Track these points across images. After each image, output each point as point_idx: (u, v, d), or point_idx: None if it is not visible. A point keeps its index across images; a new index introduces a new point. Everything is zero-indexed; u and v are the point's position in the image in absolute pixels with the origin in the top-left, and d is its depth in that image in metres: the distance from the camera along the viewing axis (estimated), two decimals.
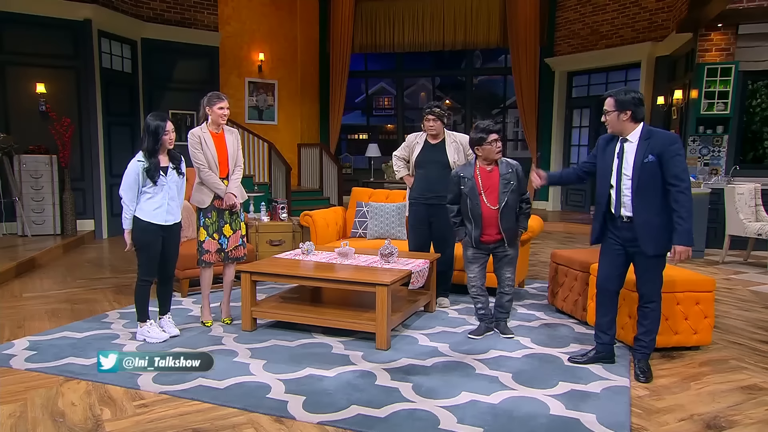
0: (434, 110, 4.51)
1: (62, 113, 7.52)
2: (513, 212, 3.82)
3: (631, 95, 3.14)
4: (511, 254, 3.90)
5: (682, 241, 3.04)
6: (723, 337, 4.04)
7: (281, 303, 4.19)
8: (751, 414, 2.86)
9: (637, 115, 3.12)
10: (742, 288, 5.53)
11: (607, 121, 3.20)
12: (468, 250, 3.96)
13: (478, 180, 3.81)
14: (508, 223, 3.81)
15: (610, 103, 3.17)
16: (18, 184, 7.32)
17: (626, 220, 3.18)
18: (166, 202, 3.71)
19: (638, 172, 3.08)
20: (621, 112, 3.13)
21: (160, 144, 3.65)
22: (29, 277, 5.69)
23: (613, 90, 3.23)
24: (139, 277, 3.76)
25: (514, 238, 3.88)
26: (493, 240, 3.85)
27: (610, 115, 3.17)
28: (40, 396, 2.98)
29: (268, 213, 6.05)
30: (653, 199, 3.08)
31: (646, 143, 3.08)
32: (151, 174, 3.63)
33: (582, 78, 11.34)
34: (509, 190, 3.77)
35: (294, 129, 11.55)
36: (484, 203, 3.78)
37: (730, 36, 7.84)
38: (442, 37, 11.72)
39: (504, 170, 3.80)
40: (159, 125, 3.63)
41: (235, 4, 10.45)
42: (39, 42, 7.61)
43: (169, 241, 3.81)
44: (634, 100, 3.12)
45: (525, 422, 2.71)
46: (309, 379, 3.18)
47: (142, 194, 3.66)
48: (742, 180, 7.29)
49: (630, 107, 3.11)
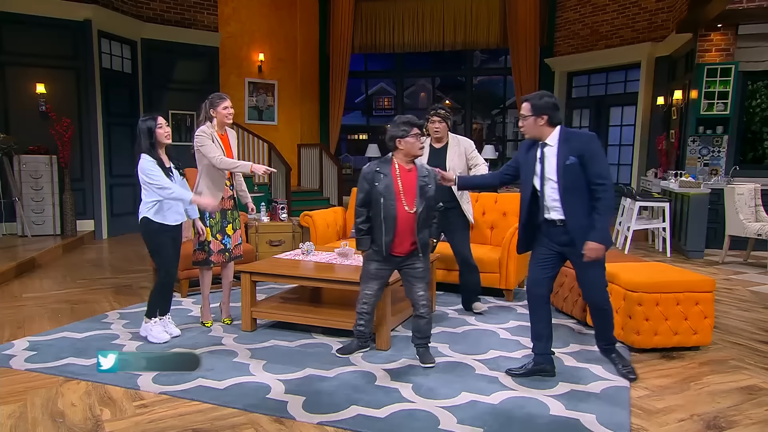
0: (440, 111, 4.30)
1: (62, 113, 7.51)
2: (428, 221, 3.41)
3: (545, 99, 3.08)
4: (422, 267, 3.39)
5: (596, 238, 3.00)
6: (723, 337, 4.04)
7: (281, 303, 4.19)
8: (751, 414, 2.86)
9: (554, 120, 3.07)
10: (742, 288, 5.53)
11: (524, 126, 3.15)
12: (371, 264, 3.41)
13: (397, 178, 3.31)
14: (423, 232, 3.37)
15: (526, 107, 3.09)
16: (18, 184, 7.32)
17: (560, 224, 3.13)
18: (174, 201, 3.71)
19: (562, 174, 3.05)
20: (537, 116, 3.07)
21: (155, 139, 3.63)
22: (29, 278, 5.69)
23: (529, 95, 3.17)
24: (160, 278, 3.77)
25: (427, 249, 3.45)
26: (405, 251, 3.34)
27: (527, 120, 3.10)
28: (39, 396, 2.98)
29: (268, 213, 6.05)
30: (581, 201, 3.05)
31: (566, 145, 3.04)
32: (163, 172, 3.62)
33: (582, 78, 11.34)
34: (426, 195, 3.33)
35: (294, 129, 11.55)
36: (401, 205, 3.27)
37: (730, 36, 7.84)
38: (441, 38, 11.72)
39: (422, 173, 3.36)
40: (151, 123, 3.62)
41: (235, 5, 10.45)
42: (39, 42, 7.61)
43: (174, 243, 3.80)
44: (548, 105, 3.06)
45: (525, 422, 2.71)
46: (309, 380, 3.18)
47: (150, 194, 3.63)
48: (741, 180, 7.29)
49: (547, 112, 3.06)
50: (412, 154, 3.33)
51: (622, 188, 7.80)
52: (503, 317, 4.41)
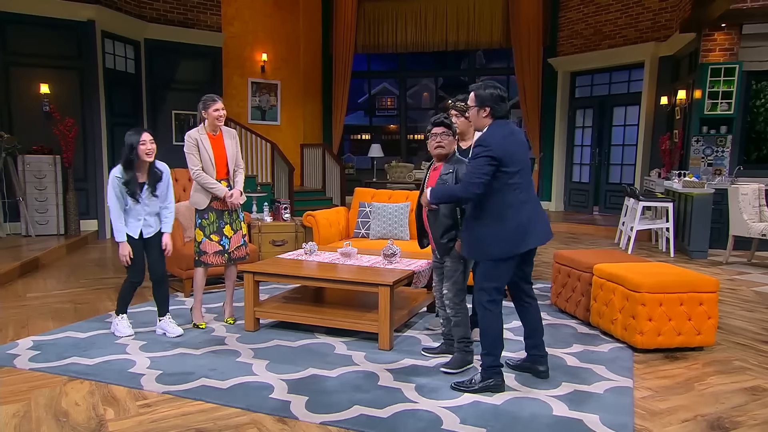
0: (457, 104, 3.84)
1: (66, 113, 7.53)
2: (444, 220, 3.28)
3: (489, 91, 2.95)
4: (448, 266, 3.34)
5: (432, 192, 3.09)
6: (727, 337, 4.03)
7: (284, 303, 4.19)
8: (756, 415, 2.85)
9: (496, 112, 2.96)
10: (746, 288, 5.51)
11: (470, 117, 3.11)
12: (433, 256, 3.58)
13: (427, 174, 3.45)
14: (435, 232, 3.32)
15: (471, 98, 3.00)
16: (22, 184, 7.35)
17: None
18: (143, 218, 3.80)
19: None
20: (480, 108, 2.97)
21: (136, 156, 3.67)
22: (33, 277, 5.70)
23: (475, 84, 3.05)
24: (127, 278, 3.89)
25: (445, 250, 3.33)
26: (433, 246, 3.42)
27: (471, 110, 3.02)
28: (43, 395, 2.99)
29: (271, 213, 6.06)
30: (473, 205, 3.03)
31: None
32: (130, 189, 3.70)
33: (585, 78, 11.32)
34: None
35: (297, 129, 11.56)
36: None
37: (734, 36, 7.81)
38: (444, 37, 11.72)
39: (445, 170, 3.30)
40: (134, 138, 3.66)
41: (238, 5, 10.46)
42: (43, 43, 7.63)
43: (152, 248, 3.88)
44: (492, 96, 2.94)
45: (528, 423, 2.70)
46: (312, 380, 3.18)
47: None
48: (746, 180, 7.27)
49: (489, 104, 2.95)
50: (433, 154, 3.37)
51: (626, 188, 7.78)
52: (505, 318, 4.39)
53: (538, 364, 3.24)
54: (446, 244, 3.30)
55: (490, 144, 2.87)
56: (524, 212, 2.93)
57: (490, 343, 3.03)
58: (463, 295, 3.37)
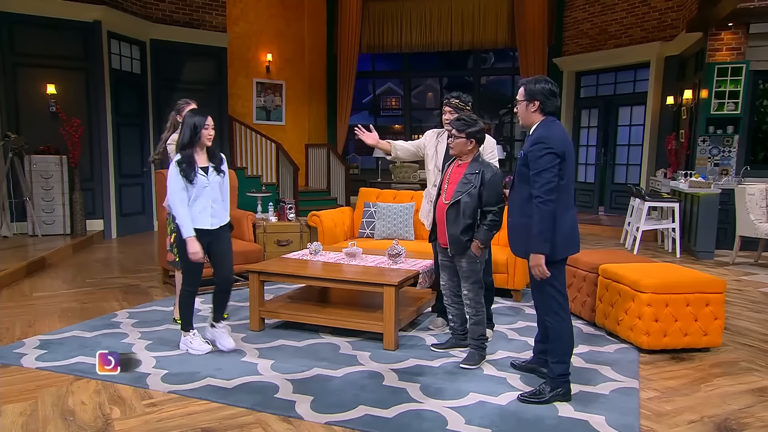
0: (452, 101, 3.80)
1: (72, 114, 7.56)
2: (463, 219, 3.27)
3: (540, 85, 2.85)
4: (464, 267, 3.36)
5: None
6: (733, 338, 4.00)
7: (289, 303, 4.20)
8: (762, 416, 2.84)
9: (545, 107, 2.84)
10: (753, 289, 5.48)
11: (518, 112, 2.96)
12: (437, 253, 3.58)
13: (449, 170, 3.44)
14: (455, 229, 3.29)
15: (521, 92, 2.91)
16: (28, 184, 7.38)
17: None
18: (209, 204, 3.47)
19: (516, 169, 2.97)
20: (529, 102, 2.86)
21: (198, 138, 3.42)
22: (39, 277, 5.73)
23: (527, 78, 2.99)
24: (183, 286, 3.58)
25: (460, 249, 3.31)
26: (445, 243, 3.40)
27: (520, 104, 2.91)
28: (50, 394, 3.00)
29: (276, 213, 6.07)
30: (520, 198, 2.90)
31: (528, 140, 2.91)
32: (185, 171, 3.37)
33: (590, 78, 11.29)
34: (466, 192, 3.26)
35: (301, 129, 11.58)
36: (442, 194, 3.39)
37: (741, 35, 7.77)
38: (449, 37, 11.70)
39: (471, 170, 3.30)
40: (199, 120, 3.41)
41: (243, 5, 10.49)
42: (49, 43, 7.66)
43: (219, 245, 3.57)
44: (544, 91, 2.84)
45: (533, 424, 2.70)
46: (317, 379, 3.18)
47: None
48: (752, 180, 7.23)
49: (538, 97, 2.84)
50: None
51: (632, 188, 7.75)
52: (511, 318, 4.40)
53: (543, 367, 3.23)
54: (465, 243, 3.29)
55: (552, 140, 2.75)
56: (570, 216, 2.87)
57: (564, 350, 2.97)
58: (482, 293, 3.43)
